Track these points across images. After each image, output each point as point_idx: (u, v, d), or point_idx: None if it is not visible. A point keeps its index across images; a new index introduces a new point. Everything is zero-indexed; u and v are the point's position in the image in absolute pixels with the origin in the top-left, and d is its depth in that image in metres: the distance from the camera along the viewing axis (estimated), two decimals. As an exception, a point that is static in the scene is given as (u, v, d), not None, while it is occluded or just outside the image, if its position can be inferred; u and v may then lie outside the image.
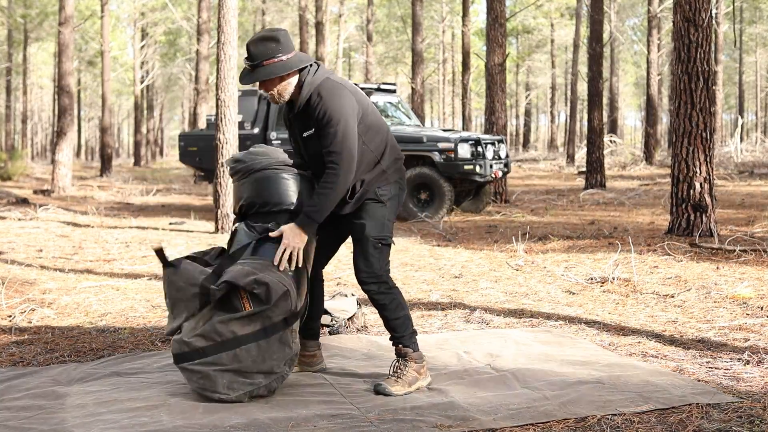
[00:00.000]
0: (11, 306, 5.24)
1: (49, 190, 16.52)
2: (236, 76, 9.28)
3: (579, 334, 4.50)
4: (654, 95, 26.00)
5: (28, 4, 33.08)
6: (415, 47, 21.78)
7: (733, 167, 21.51)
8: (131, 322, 4.86)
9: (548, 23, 40.41)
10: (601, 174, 16.41)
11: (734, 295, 5.30)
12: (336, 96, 3.37)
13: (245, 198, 3.50)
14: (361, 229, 3.49)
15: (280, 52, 3.37)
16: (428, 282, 6.20)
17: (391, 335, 3.57)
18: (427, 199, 11.04)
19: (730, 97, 55.15)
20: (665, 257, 6.92)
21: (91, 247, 8.28)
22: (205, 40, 21.42)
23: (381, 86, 12.40)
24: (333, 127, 3.32)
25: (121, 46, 43.14)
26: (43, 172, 25.99)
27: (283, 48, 3.38)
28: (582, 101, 38.58)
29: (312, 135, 3.44)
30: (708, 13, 7.97)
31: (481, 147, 11.11)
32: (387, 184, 3.51)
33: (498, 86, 13.61)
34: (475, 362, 3.88)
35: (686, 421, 3.01)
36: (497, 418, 3.08)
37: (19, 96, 42.88)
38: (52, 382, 3.59)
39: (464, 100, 24.23)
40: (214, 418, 3.09)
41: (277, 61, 3.36)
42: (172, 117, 70.79)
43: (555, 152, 39.85)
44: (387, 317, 3.53)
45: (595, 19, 16.58)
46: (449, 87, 41.02)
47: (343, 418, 3.10)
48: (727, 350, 4.05)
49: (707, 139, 8.04)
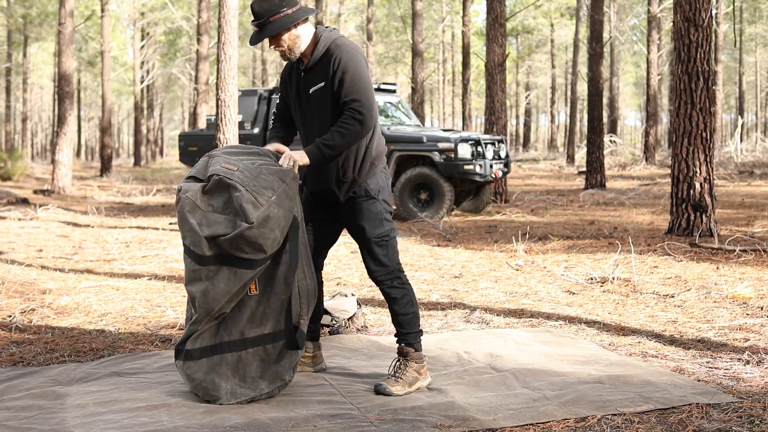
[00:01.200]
0: (11, 306, 5.24)
1: (49, 190, 16.52)
2: (236, 76, 9.29)
3: (579, 334, 4.50)
4: (654, 95, 26.00)
5: (29, 4, 33.07)
6: (415, 47, 21.77)
7: (733, 167, 21.51)
8: (131, 322, 4.86)
9: (548, 23, 40.41)
10: (601, 174, 16.41)
11: (734, 295, 5.30)
12: (355, 50, 3.40)
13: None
14: (361, 232, 3.49)
15: (284, 7, 3.36)
16: (428, 282, 6.20)
17: (397, 331, 3.56)
18: (427, 199, 11.04)
19: (730, 97, 55.16)
20: (665, 257, 6.92)
21: (91, 247, 8.28)
22: (205, 40, 21.42)
23: (381, 86, 12.40)
24: (355, 75, 3.32)
25: (121, 46, 43.16)
26: (43, 172, 25.99)
27: (287, 2, 3.37)
28: (582, 101, 38.60)
29: (321, 90, 3.40)
30: (708, 13, 7.97)
31: (481, 147, 11.11)
32: (374, 176, 3.51)
33: (498, 86, 13.61)
34: (475, 362, 3.88)
35: (686, 421, 3.01)
36: (497, 418, 3.08)
37: (19, 96, 42.88)
38: (52, 382, 3.59)
39: (464, 100, 24.23)
40: (214, 418, 3.09)
41: (283, 15, 3.35)
42: (172, 117, 70.83)
43: (555, 152, 39.85)
44: (396, 311, 3.53)
45: (595, 19, 16.58)
46: (449, 87, 41.03)
47: (343, 418, 3.10)
48: (727, 350, 4.05)
49: (707, 139, 8.04)
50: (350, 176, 3.44)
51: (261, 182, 3.25)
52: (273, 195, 3.23)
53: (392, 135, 11.23)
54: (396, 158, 11.13)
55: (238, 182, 3.23)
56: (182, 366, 3.35)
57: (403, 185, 11.01)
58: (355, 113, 3.31)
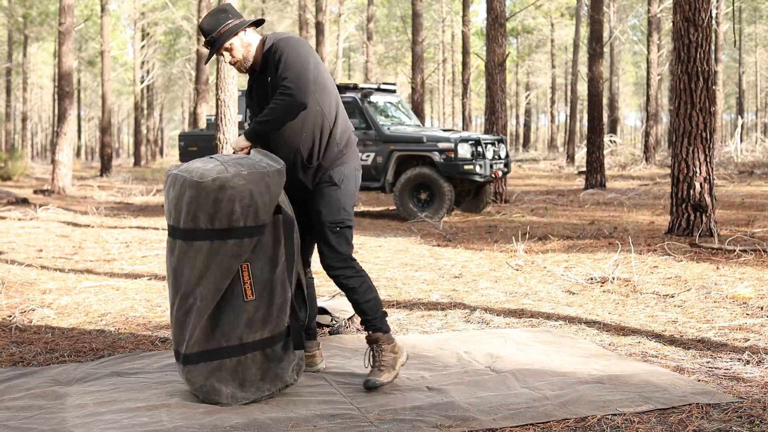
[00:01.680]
0: (11, 306, 5.24)
1: (49, 190, 16.52)
2: (236, 76, 9.29)
3: (579, 334, 4.50)
4: (654, 95, 26.00)
5: (29, 4, 33.07)
6: (415, 47, 21.77)
7: (733, 167, 21.51)
8: (131, 322, 4.86)
9: (548, 23, 40.41)
10: (601, 174, 16.41)
11: (734, 295, 5.30)
12: (296, 41, 3.53)
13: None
14: (318, 216, 3.56)
15: (230, 19, 3.55)
16: (428, 282, 6.20)
17: (362, 320, 3.61)
18: (427, 199, 11.04)
19: (730, 97, 55.13)
20: (665, 257, 6.92)
21: (91, 247, 8.28)
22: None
23: (381, 86, 12.40)
24: (289, 57, 3.44)
25: (121, 46, 43.17)
26: (43, 172, 25.99)
27: (233, 15, 3.57)
28: (582, 101, 38.60)
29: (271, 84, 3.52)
30: (708, 13, 7.97)
31: (481, 147, 11.12)
32: (341, 165, 3.58)
33: (498, 86, 13.60)
34: (475, 362, 3.88)
35: (686, 421, 3.01)
36: (497, 418, 3.08)
37: (19, 96, 42.87)
38: (52, 382, 3.59)
39: (464, 100, 24.24)
40: (214, 419, 3.09)
41: (231, 25, 3.54)
42: (172, 117, 70.81)
43: (555, 152, 39.84)
44: (357, 300, 3.57)
45: (594, 19, 16.58)
46: (449, 87, 41.01)
47: (343, 418, 3.10)
48: (727, 350, 4.05)
49: (707, 139, 8.04)
50: (314, 162, 3.54)
51: (240, 160, 3.33)
52: (245, 170, 3.25)
53: (392, 135, 11.24)
54: (396, 158, 11.14)
55: (216, 157, 3.36)
56: (182, 369, 3.35)
57: (403, 185, 11.01)
58: (284, 88, 3.42)
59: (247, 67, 3.61)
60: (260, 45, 3.59)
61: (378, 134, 11.24)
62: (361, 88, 11.87)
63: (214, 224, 3.21)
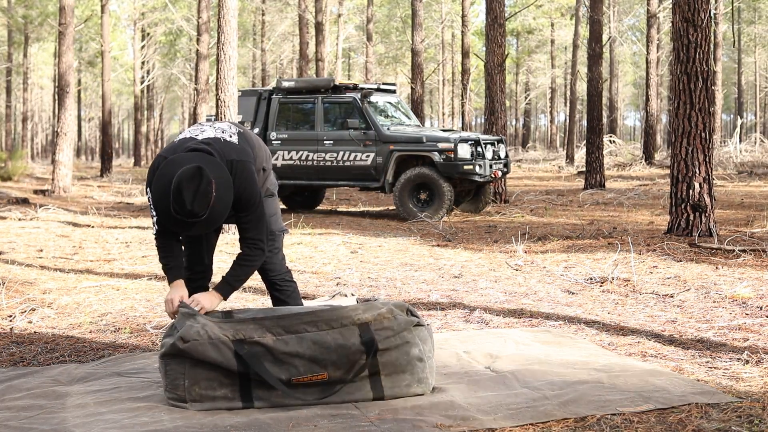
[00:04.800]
0: (11, 306, 5.25)
1: (49, 190, 16.52)
2: (236, 76, 9.30)
3: (579, 334, 4.51)
4: (653, 95, 26.00)
5: (29, 4, 33.06)
6: (415, 47, 21.77)
7: (732, 167, 21.51)
8: (131, 322, 4.86)
9: (548, 23, 40.39)
10: (600, 174, 16.41)
11: (733, 295, 5.30)
12: (248, 178, 3.43)
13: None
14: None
15: (208, 186, 3.19)
16: (428, 282, 6.20)
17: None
18: (426, 199, 11.05)
19: (729, 97, 55.13)
20: (664, 257, 6.93)
21: (91, 247, 8.28)
22: (205, 40, 21.40)
23: (381, 86, 12.41)
24: (253, 212, 3.47)
25: (121, 46, 43.14)
26: (43, 172, 25.98)
27: (207, 182, 3.19)
28: (581, 101, 38.59)
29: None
30: (707, 14, 7.97)
31: (480, 147, 11.12)
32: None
33: (497, 86, 13.61)
34: (474, 362, 3.88)
35: (686, 421, 3.02)
36: (497, 418, 3.09)
37: (20, 96, 42.86)
38: (52, 382, 3.60)
39: (464, 100, 24.24)
40: (214, 419, 3.09)
41: (216, 195, 3.22)
42: (172, 117, 70.76)
43: (554, 152, 39.81)
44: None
45: (594, 19, 16.58)
46: (449, 87, 41.01)
47: (344, 417, 3.10)
48: (727, 350, 4.06)
49: (706, 139, 8.04)
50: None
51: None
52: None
53: (392, 135, 11.24)
54: (396, 158, 11.14)
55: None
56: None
57: (403, 185, 11.02)
58: (255, 248, 3.52)
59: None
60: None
61: (378, 134, 11.25)
62: (361, 89, 11.88)
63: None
